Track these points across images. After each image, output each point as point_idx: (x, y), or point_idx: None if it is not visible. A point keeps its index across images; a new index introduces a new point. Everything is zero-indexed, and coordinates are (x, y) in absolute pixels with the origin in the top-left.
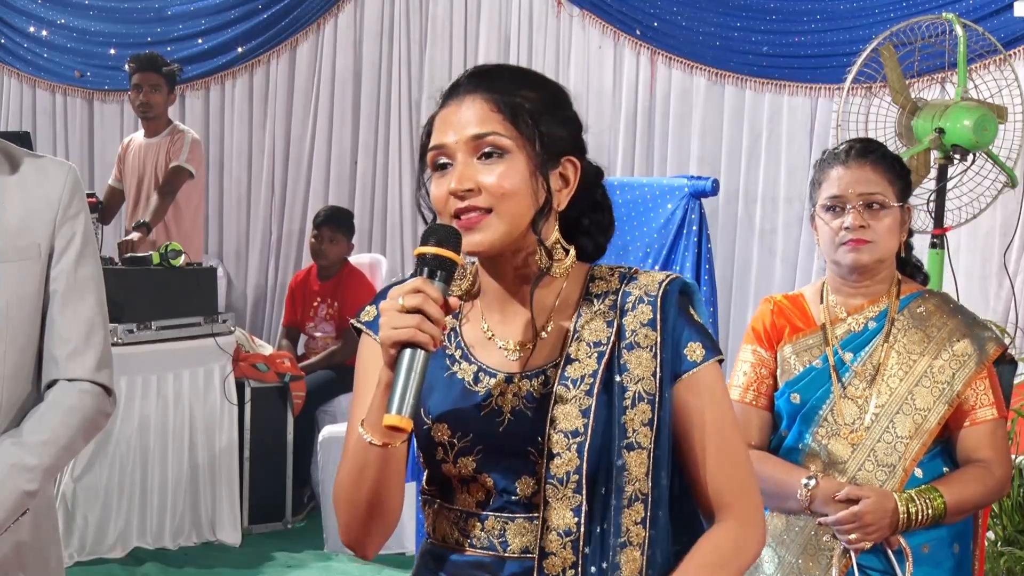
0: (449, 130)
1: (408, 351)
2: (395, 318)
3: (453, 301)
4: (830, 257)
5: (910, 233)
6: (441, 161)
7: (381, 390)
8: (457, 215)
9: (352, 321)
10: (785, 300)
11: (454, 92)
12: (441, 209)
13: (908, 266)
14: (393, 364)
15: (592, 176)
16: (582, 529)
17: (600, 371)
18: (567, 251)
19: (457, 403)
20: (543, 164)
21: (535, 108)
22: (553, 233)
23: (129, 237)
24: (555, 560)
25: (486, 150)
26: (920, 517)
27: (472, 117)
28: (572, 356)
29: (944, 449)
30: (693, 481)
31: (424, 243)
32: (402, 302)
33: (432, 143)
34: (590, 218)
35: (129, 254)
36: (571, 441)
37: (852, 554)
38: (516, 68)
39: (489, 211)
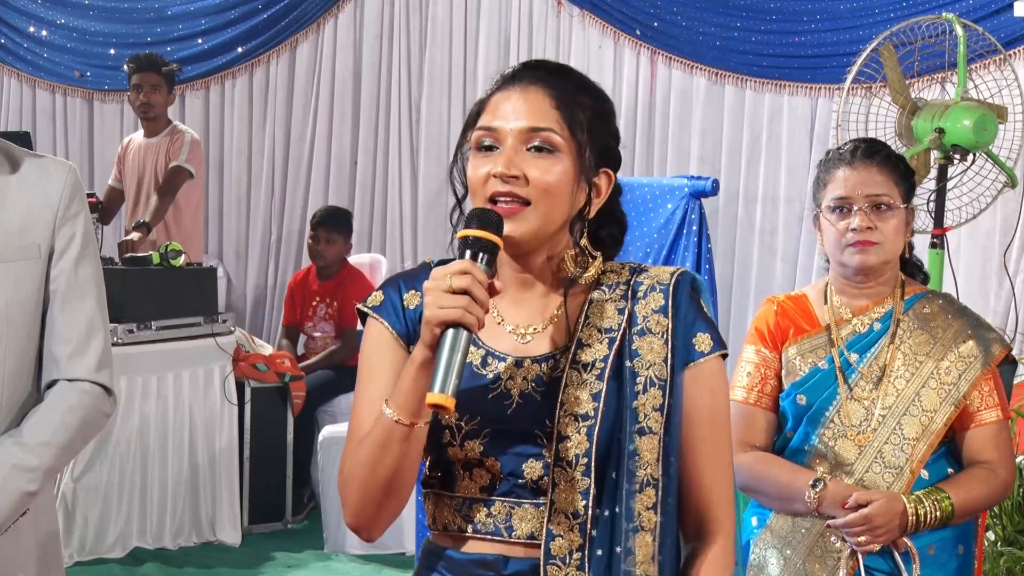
0: (504, 115)
1: (452, 331)
2: (443, 298)
3: (497, 284)
4: (836, 258)
5: (911, 233)
6: (487, 143)
7: (415, 369)
8: (494, 199)
9: (359, 305)
10: (788, 301)
11: (515, 78)
12: (477, 189)
13: (909, 265)
14: (434, 343)
15: (616, 190)
16: (589, 512)
17: (611, 356)
18: (593, 257)
19: (465, 386)
20: (587, 170)
21: (590, 115)
22: (584, 239)
23: (129, 237)
24: (561, 542)
25: (537, 143)
26: (928, 519)
27: (530, 108)
28: (583, 341)
29: (949, 450)
30: (680, 472)
31: (467, 226)
32: (450, 283)
33: (483, 123)
34: (607, 230)
35: (129, 254)
36: (581, 424)
37: (859, 556)
38: (578, 72)
39: (527, 203)
